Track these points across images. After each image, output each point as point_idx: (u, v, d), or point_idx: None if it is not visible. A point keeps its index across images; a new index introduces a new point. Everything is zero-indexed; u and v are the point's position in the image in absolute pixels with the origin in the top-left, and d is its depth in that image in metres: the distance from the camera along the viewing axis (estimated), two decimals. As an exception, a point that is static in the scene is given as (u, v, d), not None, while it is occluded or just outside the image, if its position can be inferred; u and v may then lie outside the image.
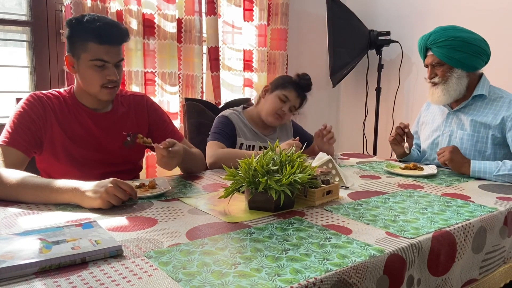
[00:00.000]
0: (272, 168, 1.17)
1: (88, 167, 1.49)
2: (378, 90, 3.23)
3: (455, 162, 1.71)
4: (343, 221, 1.11)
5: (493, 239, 1.21)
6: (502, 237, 1.24)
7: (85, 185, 1.18)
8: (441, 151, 1.77)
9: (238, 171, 1.21)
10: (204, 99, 2.69)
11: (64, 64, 2.24)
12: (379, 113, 3.27)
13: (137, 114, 1.64)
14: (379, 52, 3.20)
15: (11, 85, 2.32)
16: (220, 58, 2.79)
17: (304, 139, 2.01)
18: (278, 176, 1.15)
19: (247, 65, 2.96)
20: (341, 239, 0.98)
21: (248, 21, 2.92)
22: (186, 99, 2.26)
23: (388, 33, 3.13)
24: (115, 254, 0.87)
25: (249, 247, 0.92)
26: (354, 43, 3.17)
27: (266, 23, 2.96)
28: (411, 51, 3.14)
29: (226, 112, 2.00)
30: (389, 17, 3.26)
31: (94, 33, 1.40)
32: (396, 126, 1.96)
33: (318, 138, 1.94)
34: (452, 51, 1.78)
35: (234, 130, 1.94)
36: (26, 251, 0.83)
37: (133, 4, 2.38)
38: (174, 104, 2.60)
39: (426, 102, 2.11)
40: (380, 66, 3.22)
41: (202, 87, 2.70)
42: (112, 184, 1.16)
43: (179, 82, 2.64)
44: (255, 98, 2.08)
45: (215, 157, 1.76)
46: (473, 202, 1.33)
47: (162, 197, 1.31)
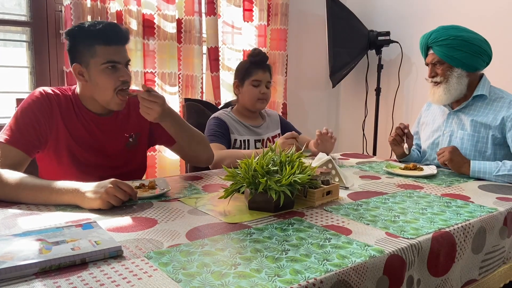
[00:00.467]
0: (272, 168, 1.17)
1: (90, 169, 1.49)
2: (377, 90, 3.24)
3: (454, 162, 1.72)
4: (343, 222, 1.11)
5: (492, 239, 1.21)
6: (501, 237, 1.24)
7: (85, 186, 1.18)
8: (440, 151, 1.77)
9: (238, 172, 1.21)
10: (204, 99, 2.69)
11: (64, 64, 2.25)
12: (379, 113, 3.27)
13: (138, 114, 1.63)
14: (378, 52, 3.20)
15: (11, 85, 2.32)
16: (220, 58, 2.79)
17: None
18: (278, 177, 1.15)
19: (247, 66, 2.95)
20: (341, 239, 0.98)
21: (247, 22, 2.92)
22: (186, 100, 2.26)
23: (387, 33, 3.13)
24: (115, 255, 0.87)
25: (249, 248, 0.92)
26: (354, 43, 3.17)
27: (266, 24, 2.96)
28: (411, 51, 3.14)
29: (216, 113, 2.05)
30: (388, 17, 3.26)
31: (99, 35, 1.39)
32: (396, 127, 1.96)
33: (319, 137, 1.94)
34: (452, 50, 1.78)
35: (227, 129, 1.99)
36: (26, 251, 0.83)
37: (133, 5, 2.38)
38: (174, 104, 2.60)
39: (427, 102, 2.12)
40: (380, 66, 3.22)
41: (202, 88, 2.70)
42: (112, 185, 1.16)
43: (179, 82, 2.64)
44: (233, 101, 2.16)
45: (215, 159, 1.77)
46: (472, 202, 1.33)
47: (162, 197, 1.32)
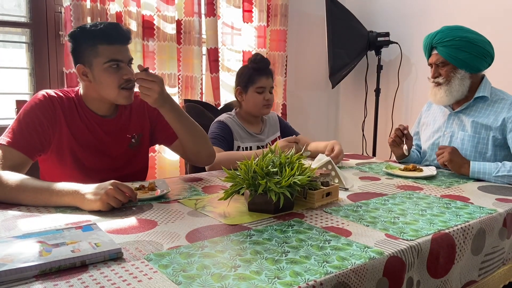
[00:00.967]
0: (271, 170, 1.17)
1: (94, 172, 1.48)
2: (377, 91, 3.24)
3: (454, 163, 1.72)
4: (342, 223, 1.11)
5: (492, 240, 1.21)
6: (501, 238, 1.24)
7: (85, 187, 1.18)
8: (440, 152, 1.77)
9: (238, 173, 1.21)
10: (203, 100, 2.70)
11: (64, 65, 2.26)
12: (379, 114, 3.27)
13: (139, 115, 1.63)
14: (378, 53, 3.21)
15: (10, 86, 2.32)
16: (220, 59, 2.79)
17: (291, 135, 2.12)
18: (277, 178, 1.15)
19: (247, 66, 2.96)
20: (341, 241, 0.99)
21: (247, 22, 2.92)
22: (186, 100, 2.26)
23: (387, 34, 3.13)
24: (115, 257, 0.87)
25: (248, 250, 0.92)
26: (353, 44, 3.17)
27: (266, 24, 2.97)
28: (410, 52, 3.15)
29: (222, 117, 2.04)
30: (388, 18, 3.26)
31: (102, 35, 1.40)
32: (395, 128, 1.96)
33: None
34: (457, 51, 1.78)
35: (231, 135, 1.98)
36: (26, 254, 0.83)
37: (133, 6, 2.39)
38: (174, 105, 2.60)
39: (427, 102, 2.12)
40: (379, 67, 3.22)
41: (201, 88, 2.70)
42: (112, 186, 1.16)
43: (179, 83, 2.64)
44: (234, 102, 2.14)
45: (215, 161, 1.77)
46: (472, 203, 1.33)
47: (162, 199, 1.32)
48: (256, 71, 1.99)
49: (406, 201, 1.34)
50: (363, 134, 3.47)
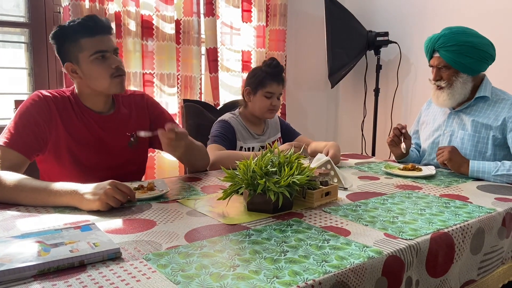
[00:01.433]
0: (270, 169, 1.17)
1: (92, 170, 1.48)
2: (376, 91, 3.24)
3: (454, 162, 1.72)
4: (341, 223, 1.11)
5: (491, 240, 1.21)
6: (500, 238, 1.24)
7: (83, 187, 1.18)
8: (439, 151, 1.77)
9: (237, 173, 1.21)
10: (202, 100, 2.70)
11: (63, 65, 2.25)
12: (378, 114, 3.27)
13: (138, 113, 1.64)
14: (377, 52, 3.21)
15: (9, 87, 2.32)
16: (219, 59, 2.79)
17: (292, 136, 2.17)
18: (276, 178, 1.15)
19: (246, 66, 2.96)
20: (340, 240, 0.98)
21: (246, 22, 2.92)
22: (185, 100, 2.26)
23: (386, 33, 3.13)
24: (113, 257, 0.87)
25: (247, 249, 0.92)
26: (353, 43, 3.17)
27: (265, 24, 2.97)
28: (410, 52, 3.15)
29: (226, 116, 2.04)
30: (387, 17, 3.26)
31: (82, 29, 1.41)
32: (394, 128, 1.96)
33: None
34: (460, 56, 1.76)
35: (234, 134, 1.98)
36: (24, 254, 0.83)
37: (131, 6, 2.38)
38: (173, 105, 2.60)
39: (427, 101, 2.11)
40: (379, 67, 3.22)
41: (200, 88, 2.70)
42: (110, 186, 1.16)
43: (178, 83, 2.64)
44: (240, 101, 2.14)
45: (214, 159, 1.78)
46: (471, 203, 1.33)
47: (161, 199, 1.31)
48: (269, 75, 1.98)
49: (405, 201, 1.34)
50: (362, 134, 3.47)
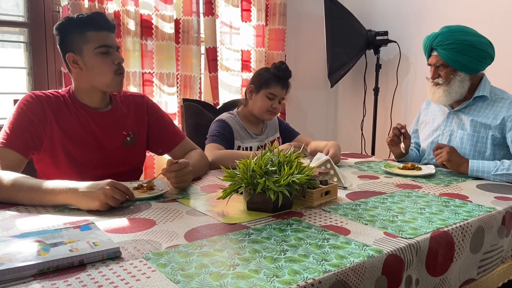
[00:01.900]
0: (270, 169, 1.17)
1: (88, 168, 1.49)
2: (376, 90, 3.24)
3: (453, 162, 1.71)
4: (341, 222, 1.11)
5: (491, 238, 1.21)
6: (500, 236, 1.24)
7: (81, 185, 1.17)
8: (438, 151, 1.76)
9: (236, 172, 1.21)
10: (202, 99, 2.69)
11: (62, 65, 2.25)
12: (377, 113, 3.27)
13: (137, 115, 1.64)
14: (377, 52, 3.20)
15: (8, 86, 2.31)
16: (218, 58, 2.79)
17: (291, 136, 2.18)
18: (276, 177, 1.15)
19: (245, 66, 2.96)
20: (339, 239, 0.98)
21: (246, 22, 2.92)
22: (184, 100, 2.26)
23: (386, 33, 3.13)
24: (113, 256, 0.87)
25: (247, 248, 0.92)
26: (352, 43, 3.17)
27: (264, 24, 2.96)
28: (409, 51, 3.15)
29: (223, 116, 2.04)
30: (387, 17, 3.26)
31: (90, 22, 1.44)
32: (393, 127, 1.96)
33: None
34: (458, 54, 1.76)
35: (232, 134, 1.98)
36: (24, 253, 0.83)
37: (131, 5, 2.38)
38: (172, 104, 2.60)
39: (426, 100, 2.11)
40: (378, 66, 3.22)
41: (200, 88, 2.70)
42: (109, 186, 1.16)
43: (177, 82, 2.64)
44: (241, 99, 2.14)
45: (214, 158, 1.78)
46: (471, 202, 1.33)
47: (160, 198, 1.31)
48: (276, 77, 1.99)
49: (404, 200, 1.34)
50: (362, 133, 3.47)
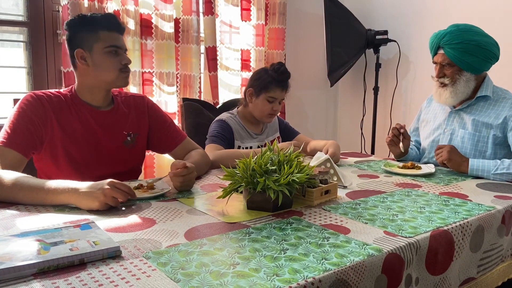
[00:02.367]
0: (270, 168, 1.17)
1: (87, 168, 1.49)
2: (376, 89, 3.24)
3: (453, 161, 1.71)
4: (341, 221, 1.11)
5: (491, 237, 1.21)
6: (499, 235, 1.25)
7: (81, 185, 1.18)
8: (438, 151, 1.76)
9: (236, 171, 1.21)
10: (202, 99, 2.69)
11: (62, 64, 2.25)
12: (377, 112, 3.27)
13: (138, 115, 1.64)
14: (376, 51, 3.20)
15: (8, 85, 2.31)
16: (218, 58, 2.79)
17: (291, 135, 2.18)
18: (276, 176, 1.15)
19: (245, 65, 2.96)
20: (340, 238, 0.99)
21: (245, 21, 2.92)
22: (184, 99, 2.26)
23: (385, 32, 3.13)
24: (113, 255, 0.87)
25: (247, 247, 0.92)
26: (352, 42, 3.17)
27: (264, 23, 2.96)
28: (409, 50, 3.15)
29: (223, 116, 2.04)
30: (386, 16, 3.26)
31: (103, 22, 1.47)
32: (392, 128, 1.96)
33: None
34: (464, 54, 1.76)
35: (232, 134, 1.98)
36: (24, 252, 0.83)
37: (130, 4, 2.38)
38: (172, 104, 2.60)
39: (427, 99, 2.11)
40: (378, 65, 3.22)
41: (200, 87, 2.70)
42: (109, 186, 1.16)
43: (177, 82, 2.64)
44: (241, 99, 2.12)
45: (214, 158, 1.78)
46: (471, 201, 1.33)
47: (161, 197, 1.31)
48: (275, 80, 1.97)
49: (404, 199, 1.34)
50: (362, 132, 3.48)
